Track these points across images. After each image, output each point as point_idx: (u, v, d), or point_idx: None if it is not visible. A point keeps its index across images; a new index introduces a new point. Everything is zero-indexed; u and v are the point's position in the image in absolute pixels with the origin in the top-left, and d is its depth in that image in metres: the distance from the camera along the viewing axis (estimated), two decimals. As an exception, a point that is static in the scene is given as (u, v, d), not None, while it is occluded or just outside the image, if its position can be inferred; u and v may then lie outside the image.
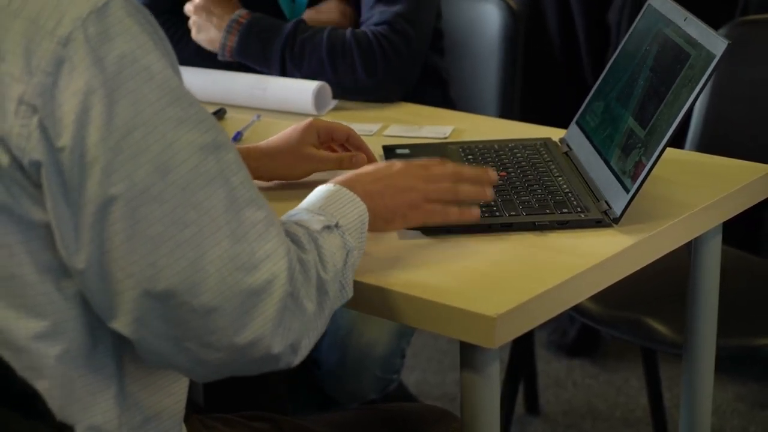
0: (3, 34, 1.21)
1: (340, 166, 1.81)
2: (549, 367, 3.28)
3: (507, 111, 2.67)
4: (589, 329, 3.23)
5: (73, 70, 1.20)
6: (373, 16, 2.32)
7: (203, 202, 1.24)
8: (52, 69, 1.20)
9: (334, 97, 2.28)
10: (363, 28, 2.33)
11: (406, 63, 2.30)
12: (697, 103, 2.49)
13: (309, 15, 2.39)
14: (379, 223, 1.52)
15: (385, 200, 1.53)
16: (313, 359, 2.38)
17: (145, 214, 1.22)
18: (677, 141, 2.42)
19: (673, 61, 1.71)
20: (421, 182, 1.56)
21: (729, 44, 1.60)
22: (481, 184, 1.60)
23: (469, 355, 1.47)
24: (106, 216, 1.21)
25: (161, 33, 1.27)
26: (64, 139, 1.20)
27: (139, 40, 1.22)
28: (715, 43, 1.63)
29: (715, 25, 2.43)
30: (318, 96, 2.24)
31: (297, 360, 1.33)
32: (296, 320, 1.30)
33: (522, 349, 2.91)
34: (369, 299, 1.48)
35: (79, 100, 1.20)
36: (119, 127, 1.20)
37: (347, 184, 1.50)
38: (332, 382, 2.38)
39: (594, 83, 1.95)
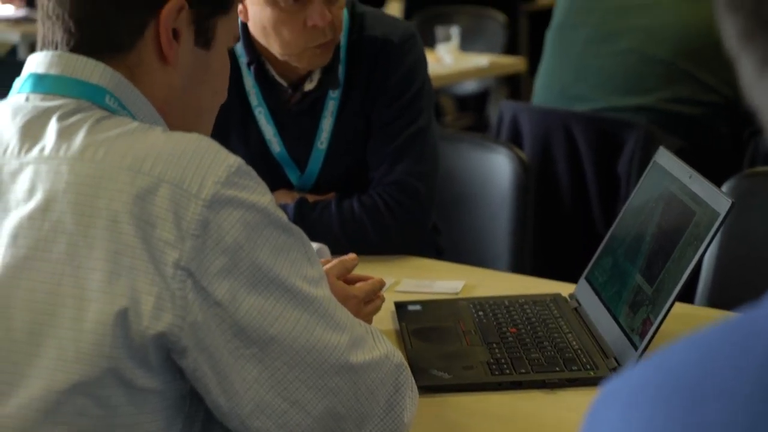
0: (151, 197, 1.27)
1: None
2: None
3: (519, 262, 2.69)
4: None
5: (219, 228, 1.28)
6: (381, 173, 2.34)
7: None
8: (200, 231, 1.27)
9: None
10: (371, 188, 2.34)
11: (418, 219, 2.32)
12: (706, 257, 2.51)
13: None
14: None
15: None
16: None
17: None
18: (687, 295, 2.43)
19: (679, 219, 1.74)
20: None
21: (733, 203, 1.62)
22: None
23: None
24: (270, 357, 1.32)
25: None
26: (219, 295, 1.27)
27: (268, 195, 1.33)
28: (720, 201, 1.65)
29: (723, 177, 2.47)
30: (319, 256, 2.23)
31: None
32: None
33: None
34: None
35: (228, 258, 1.28)
36: (265, 274, 1.30)
37: None
38: None
39: (605, 234, 1.98)
